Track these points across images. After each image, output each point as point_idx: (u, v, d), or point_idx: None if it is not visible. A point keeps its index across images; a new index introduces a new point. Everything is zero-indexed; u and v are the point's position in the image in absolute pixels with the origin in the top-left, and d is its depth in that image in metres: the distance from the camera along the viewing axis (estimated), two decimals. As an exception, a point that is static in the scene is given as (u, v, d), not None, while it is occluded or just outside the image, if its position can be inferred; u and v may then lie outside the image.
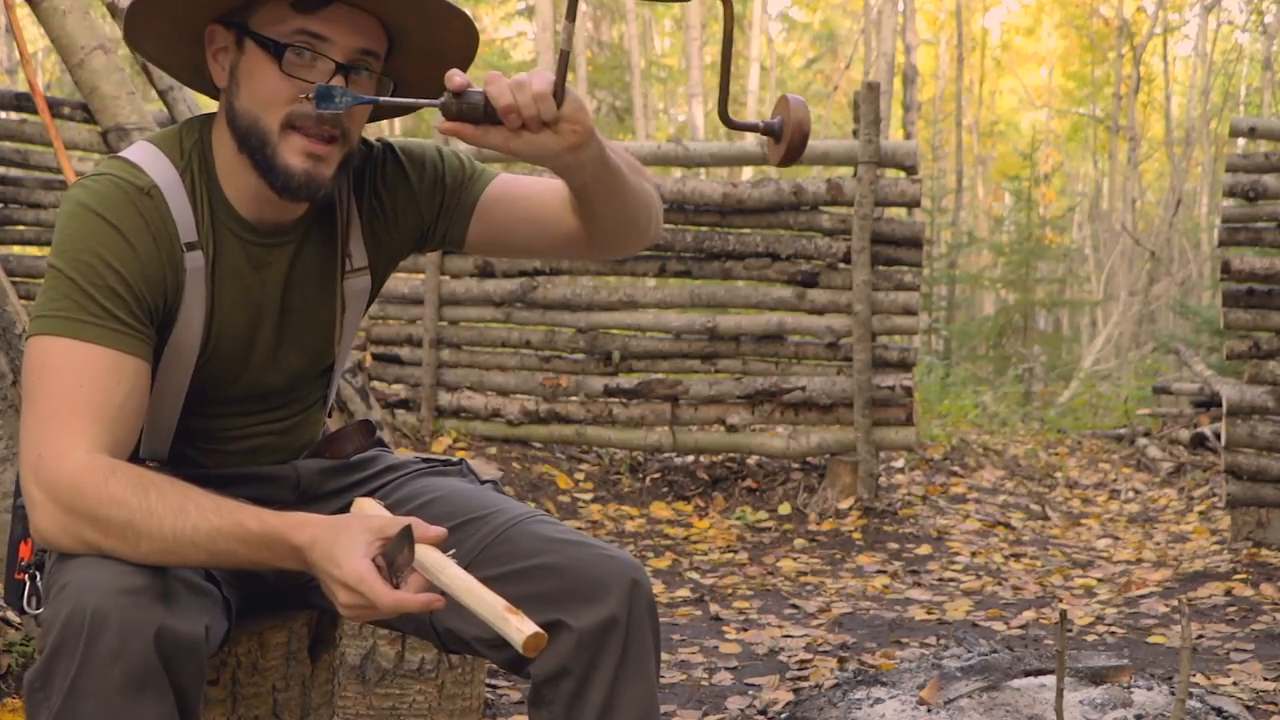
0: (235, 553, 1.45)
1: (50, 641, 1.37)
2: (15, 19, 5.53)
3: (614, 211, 1.69)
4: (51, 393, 1.48)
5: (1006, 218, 21.70)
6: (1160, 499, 7.18)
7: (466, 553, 1.69)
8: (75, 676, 1.34)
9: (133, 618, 1.36)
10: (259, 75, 1.55)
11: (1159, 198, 24.03)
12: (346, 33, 1.55)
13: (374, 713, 2.58)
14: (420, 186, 1.78)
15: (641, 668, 1.63)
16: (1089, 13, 24.87)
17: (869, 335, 5.99)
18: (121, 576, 1.40)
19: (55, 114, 5.83)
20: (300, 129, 1.56)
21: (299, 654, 1.81)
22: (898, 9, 16.52)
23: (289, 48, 1.54)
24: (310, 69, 1.54)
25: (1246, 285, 5.29)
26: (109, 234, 1.53)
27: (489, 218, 1.79)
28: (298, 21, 1.54)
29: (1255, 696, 3.20)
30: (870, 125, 5.90)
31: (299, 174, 1.56)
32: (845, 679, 3.19)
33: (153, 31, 1.64)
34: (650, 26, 24.90)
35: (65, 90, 13.05)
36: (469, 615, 1.54)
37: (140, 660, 1.35)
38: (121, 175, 1.57)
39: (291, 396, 1.80)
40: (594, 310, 6.40)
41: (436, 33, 1.62)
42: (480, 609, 1.42)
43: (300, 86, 1.54)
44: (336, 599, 1.43)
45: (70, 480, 1.45)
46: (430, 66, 1.65)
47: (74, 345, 1.49)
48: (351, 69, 1.56)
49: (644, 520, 5.92)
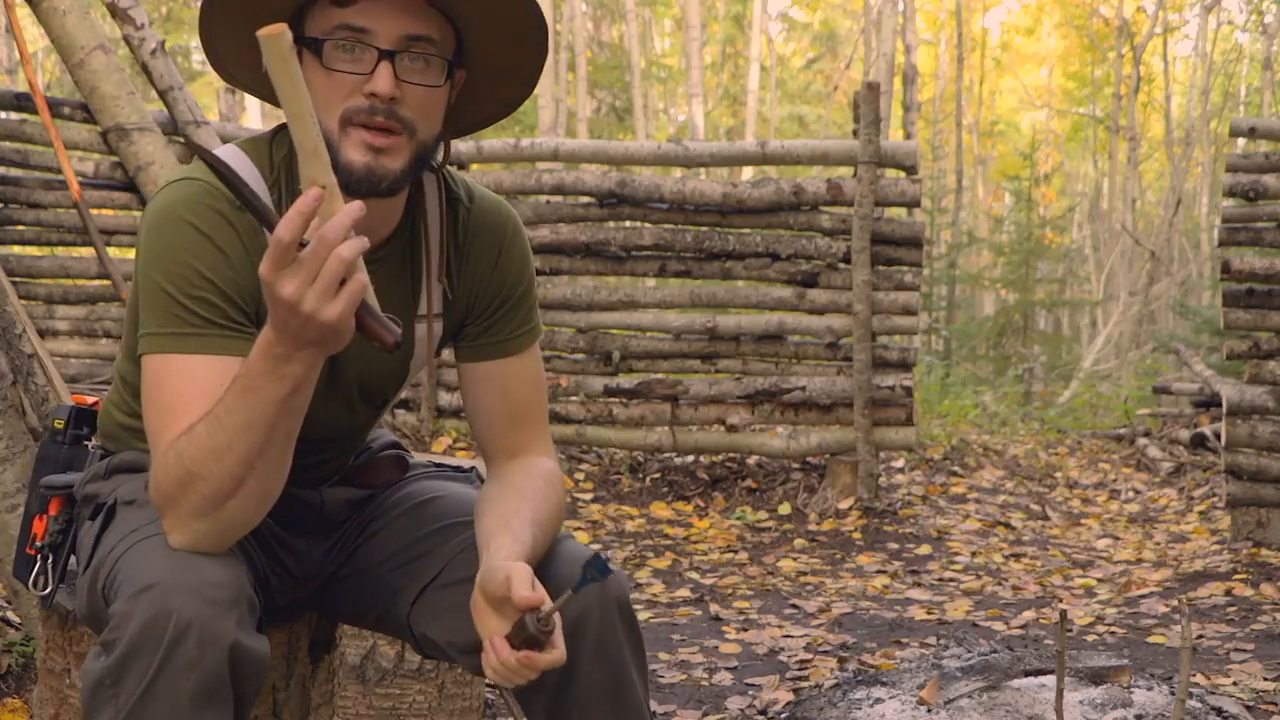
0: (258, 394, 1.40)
1: (127, 641, 1.36)
2: (15, 19, 5.53)
3: None
4: (157, 409, 1.50)
5: (1006, 218, 21.70)
6: (1160, 499, 7.18)
7: (447, 554, 1.70)
8: (151, 680, 1.35)
9: (213, 630, 1.37)
10: (313, 79, 1.51)
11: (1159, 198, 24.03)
12: (390, 20, 1.51)
13: (374, 713, 2.58)
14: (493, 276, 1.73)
15: (621, 667, 1.61)
16: (1089, 13, 24.87)
17: (869, 335, 5.99)
18: (206, 588, 1.40)
19: (55, 114, 5.83)
20: (357, 123, 1.52)
21: (299, 654, 1.82)
22: (898, 9, 16.51)
23: (327, 42, 1.52)
24: (355, 60, 1.51)
25: (1246, 285, 5.29)
26: (201, 243, 1.51)
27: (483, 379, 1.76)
28: (338, 16, 1.52)
29: (1255, 696, 3.20)
30: (870, 125, 5.90)
31: (359, 167, 1.52)
32: (845, 679, 3.19)
33: (236, 59, 1.62)
34: (650, 26, 24.90)
35: (65, 90, 13.05)
36: (444, 621, 1.58)
37: (214, 672, 1.37)
38: (212, 183, 1.54)
39: (346, 425, 1.76)
40: (594, 310, 6.40)
41: (490, 9, 1.56)
42: None
43: (348, 81, 1.51)
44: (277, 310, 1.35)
45: (156, 477, 1.47)
46: (503, 45, 1.60)
47: (178, 360, 1.50)
48: (396, 54, 1.51)
49: (644, 520, 5.92)
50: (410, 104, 1.53)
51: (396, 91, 1.51)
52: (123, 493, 1.66)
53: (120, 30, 5.99)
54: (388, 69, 1.50)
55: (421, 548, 1.73)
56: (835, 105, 23.95)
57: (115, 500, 1.65)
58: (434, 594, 1.69)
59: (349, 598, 1.79)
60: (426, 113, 1.55)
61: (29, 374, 2.99)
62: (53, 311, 6.43)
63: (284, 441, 1.45)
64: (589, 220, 6.32)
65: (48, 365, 3.27)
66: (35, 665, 2.82)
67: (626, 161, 6.62)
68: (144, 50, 5.94)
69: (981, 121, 27.79)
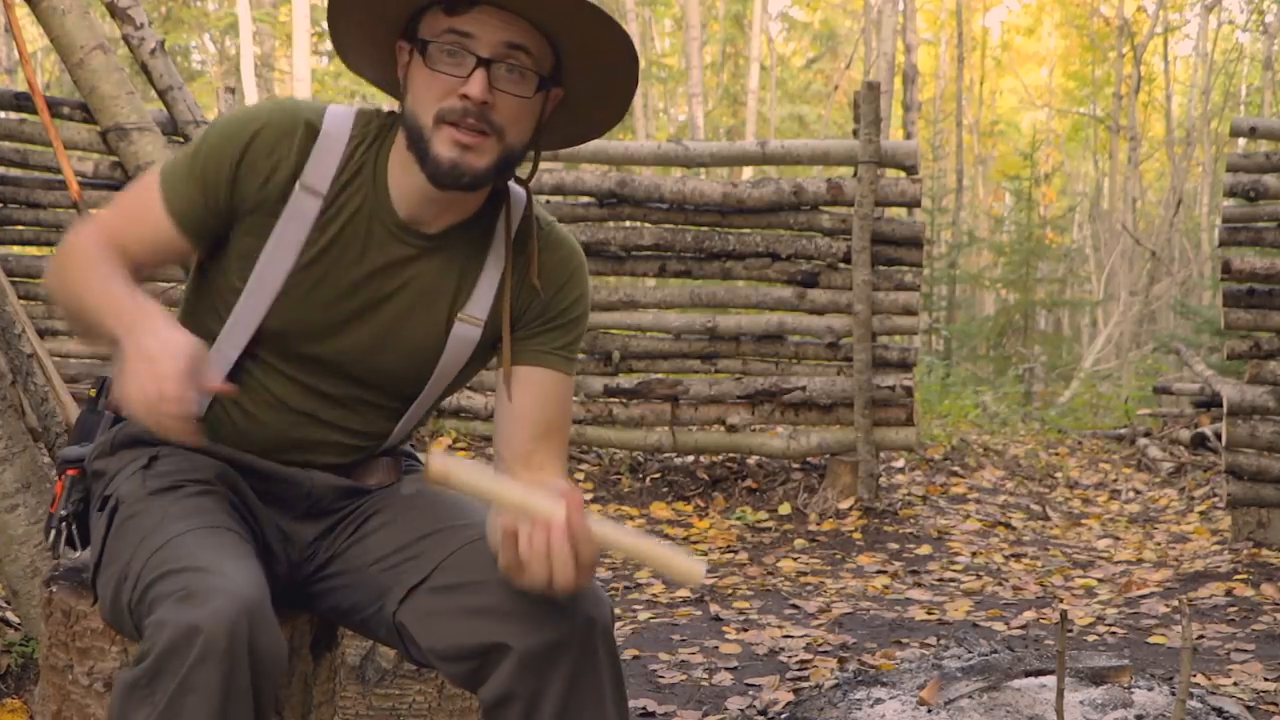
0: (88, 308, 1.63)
1: (159, 649, 1.43)
2: (15, 19, 5.52)
3: None
4: (114, 205, 1.77)
5: (1006, 218, 21.70)
6: (1161, 499, 7.18)
7: (436, 558, 1.70)
8: (183, 680, 1.42)
9: (242, 637, 1.44)
10: (416, 77, 1.65)
11: (1159, 198, 24.04)
12: (492, 29, 1.61)
13: (374, 713, 2.58)
14: (553, 299, 1.79)
15: (595, 695, 1.60)
16: (1089, 12, 24.89)
17: (869, 335, 5.99)
18: (233, 595, 1.46)
19: (55, 114, 5.83)
20: (449, 122, 1.62)
21: (301, 652, 1.82)
22: (898, 9, 16.51)
23: (432, 44, 1.62)
24: (456, 64, 1.62)
25: (1247, 285, 5.29)
26: (236, 127, 1.70)
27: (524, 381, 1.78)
28: (447, 22, 1.62)
29: (1256, 697, 3.20)
30: (870, 125, 5.90)
31: (446, 161, 1.63)
32: (845, 679, 3.19)
33: (363, 56, 1.76)
34: (650, 26, 24.90)
35: (65, 90, 13.05)
36: (428, 625, 1.61)
37: (243, 676, 1.45)
38: (299, 101, 1.75)
39: (354, 395, 1.79)
40: (594, 310, 6.39)
41: (586, 36, 1.65)
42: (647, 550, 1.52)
43: (446, 81, 1.62)
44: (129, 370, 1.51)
45: (68, 241, 1.72)
46: (596, 71, 1.70)
47: (155, 191, 1.72)
48: (493, 62, 1.61)
49: (644, 520, 5.92)
50: (501, 110, 1.63)
51: (489, 97, 1.61)
52: (124, 494, 1.69)
53: (120, 30, 5.99)
54: (483, 75, 1.61)
55: (412, 550, 1.73)
56: (835, 105, 23.96)
57: (118, 502, 1.69)
58: (421, 598, 1.69)
59: (339, 595, 1.80)
60: (516, 120, 1.66)
61: (29, 374, 2.99)
62: (53, 311, 6.42)
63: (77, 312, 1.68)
64: (589, 220, 6.32)
65: (47, 365, 3.27)
66: (35, 665, 2.82)
67: (626, 161, 6.62)
68: (143, 50, 5.94)
69: (982, 121, 27.80)
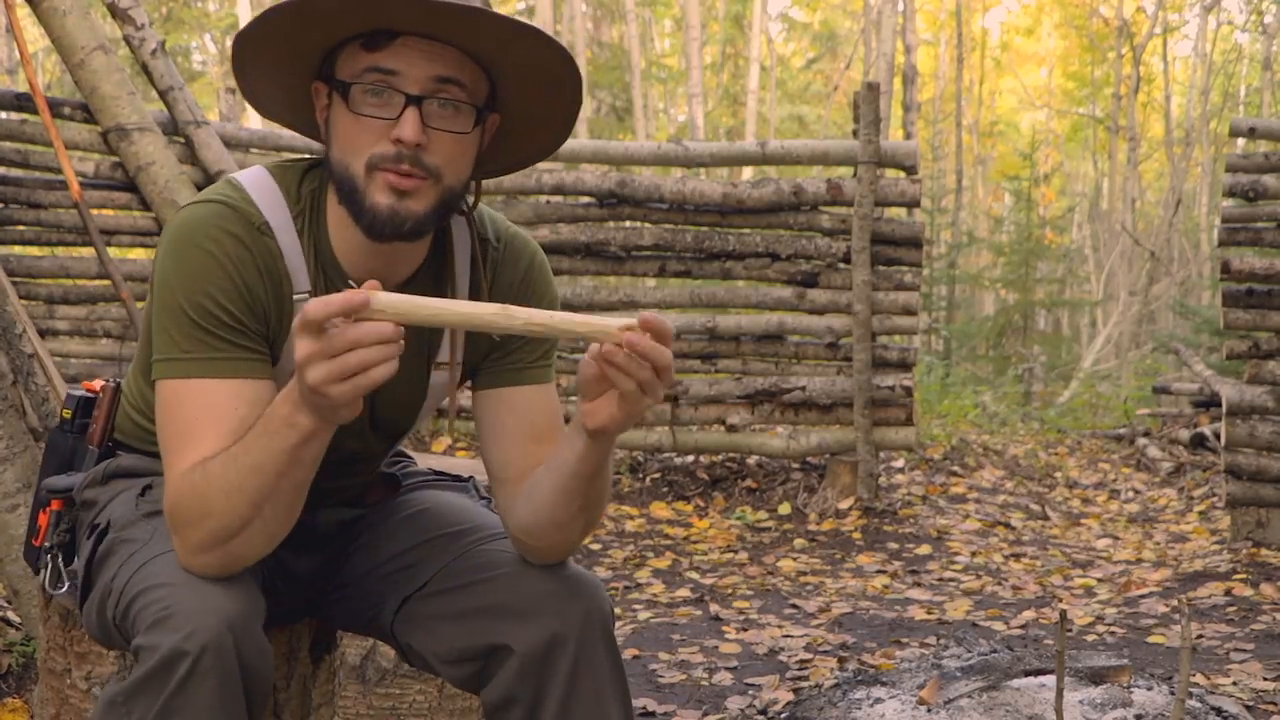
0: (271, 439, 1.43)
1: (147, 668, 1.39)
2: (15, 19, 5.53)
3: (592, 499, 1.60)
4: (172, 432, 1.51)
5: (1006, 218, 21.69)
6: (1160, 499, 7.18)
7: (434, 565, 1.70)
8: (170, 697, 1.38)
9: (229, 654, 1.41)
10: (340, 122, 1.52)
11: (1159, 198, 24.03)
12: (418, 63, 1.49)
13: (374, 713, 2.58)
14: None
15: (596, 694, 1.59)
16: (1089, 13, 24.87)
17: (869, 335, 5.99)
18: (221, 611, 1.42)
19: (55, 114, 5.83)
20: (382, 168, 1.50)
21: (300, 654, 1.82)
22: (898, 9, 16.51)
23: (354, 85, 1.50)
24: (383, 105, 1.50)
25: (1246, 285, 5.29)
26: (216, 269, 1.52)
27: (502, 402, 1.69)
28: (367, 59, 1.50)
29: (1255, 696, 3.21)
30: (870, 125, 5.90)
31: (384, 210, 1.50)
32: (845, 679, 3.19)
33: (274, 100, 1.63)
34: (650, 26, 24.90)
35: (65, 90, 13.05)
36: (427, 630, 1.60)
37: (232, 693, 1.41)
38: (234, 205, 1.56)
39: (350, 456, 1.74)
40: (594, 310, 6.39)
41: (522, 60, 1.54)
42: None
43: (374, 125, 1.50)
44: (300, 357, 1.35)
45: (169, 500, 1.49)
46: (536, 93, 1.59)
47: (193, 385, 1.51)
48: (424, 99, 1.50)
49: (644, 520, 5.93)
50: (437, 150, 1.51)
51: (423, 138, 1.49)
52: (116, 516, 1.66)
53: (120, 30, 6.00)
54: (414, 114, 1.48)
55: (409, 558, 1.73)
56: (835, 105, 23.95)
57: (108, 524, 1.65)
58: (418, 604, 1.69)
59: (340, 606, 1.80)
60: (454, 159, 1.54)
61: (29, 374, 2.99)
62: (53, 311, 6.43)
63: (292, 490, 1.46)
64: (589, 220, 6.32)
65: (48, 365, 3.27)
66: (36, 665, 2.82)
67: (626, 162, 6.62)
68: (144, 50, 5.95)
69: (981, 121, 27.79)
